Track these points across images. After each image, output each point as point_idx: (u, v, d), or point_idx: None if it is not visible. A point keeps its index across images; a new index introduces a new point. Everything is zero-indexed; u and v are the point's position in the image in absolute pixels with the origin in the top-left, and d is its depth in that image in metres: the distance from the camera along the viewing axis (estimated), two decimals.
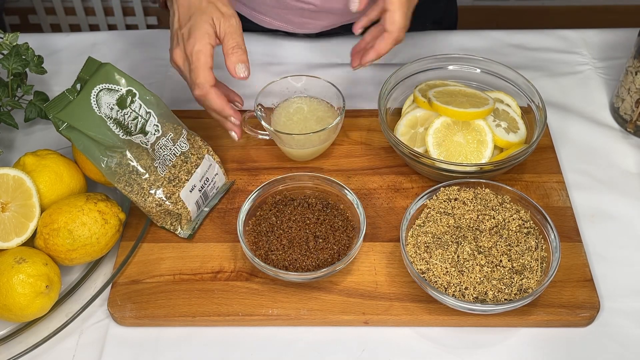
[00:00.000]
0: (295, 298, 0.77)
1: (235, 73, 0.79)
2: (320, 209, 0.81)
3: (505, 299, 0.73)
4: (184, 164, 0.82)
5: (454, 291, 0.73)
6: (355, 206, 0.79)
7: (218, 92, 0.80)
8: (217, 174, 0.86)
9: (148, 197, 0.80)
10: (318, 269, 0.76)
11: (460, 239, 0.76)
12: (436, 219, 0.79)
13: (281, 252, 0.77)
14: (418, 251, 0.76)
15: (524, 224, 0.78)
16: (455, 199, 0.80)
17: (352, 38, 1.08)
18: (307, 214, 0.80)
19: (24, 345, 0.73)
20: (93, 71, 0.80)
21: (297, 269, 0.76)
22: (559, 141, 0.94)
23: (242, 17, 1.07)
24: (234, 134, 0.84)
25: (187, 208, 0.82)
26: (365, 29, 0.87)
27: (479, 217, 0.79)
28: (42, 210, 0.78)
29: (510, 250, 0.76)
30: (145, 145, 0.80)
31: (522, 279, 0.74)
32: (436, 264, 0.74)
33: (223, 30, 0.79)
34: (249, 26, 1.08)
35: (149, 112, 0.81)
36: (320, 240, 0.78)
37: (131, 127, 0.80)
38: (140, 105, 0.81)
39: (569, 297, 0.76)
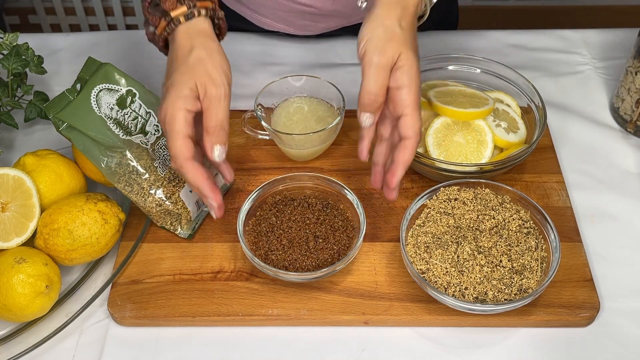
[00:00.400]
0: (295, 298, 0.77)
1: (211, 155, 0.71)
2: (320, 209, 0.81)
3: (505, 299, 0.73)
4: None
5: (454, 291, 0.73)
6: (355, 206, 0.79)
7: (196, 165, 0.71)
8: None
9: (148, 197, 0.80)
10: (318, 269, 0.76)
11: (460, 239, 0.76)
12: (436, 219, 0.79)
13: (281, 252, 0.77)
14: (418, 251, 0.76)
15: (524, 224, 0.78)
16: (455, 199, 0.80)
17: (352, 39, 1.09)
18: (307, 214, 0.80)
19: (24, 345, 0.73)
20: (93, 71, 0.80)
21: (297, 269, 0.76)
22: (559, 141, 0.94)
23: (243, 19, 1.07)
24: (213, 213, 0.75)
25: (187, 208, 0.82)
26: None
27: (479, 217, 0.79)
28: (42, 210, 0.78)
29: (510, 250, 0.76)
30: (145, 145, 0.80)
31: (522, 279, 0.74)
32: (436, 264, 0.74)
33: (207, 101, 0.70)
34: (249, 27, 1.09)
35: (149, 112, 0.81)
36: (320, 241, 0.78)
37: (131, 127, 0.80)
38: (140, 105, 0.81)
39: (569, 297, 0.76)
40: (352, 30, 1.06)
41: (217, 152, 0.71)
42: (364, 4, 0.76)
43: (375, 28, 0.69)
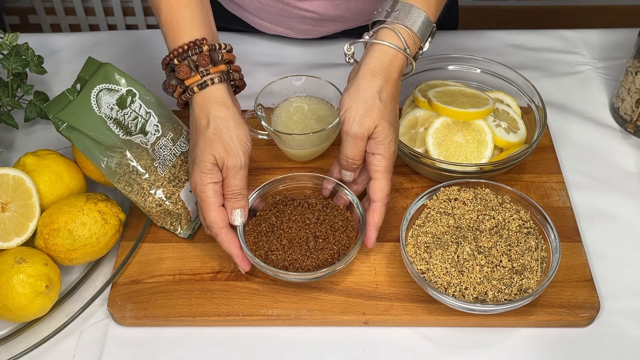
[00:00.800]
0: (295, 298, 0.77)
1: (231, 219, 0.75)
2: (320, 209, 0.81)
3: (505, 299, 0.73)
4: (184, 164, 0.82)
5: (454, 291, 0.73)
6: (355, 206, 0.79)
7: (230, 234, 0.75)
8: None
9: (148, 197, 0.80)
10: (318, 269, 0.76)
11: (460, 239, 0.76)
12: (436, 219, 0.79)
13: (281, 252, 0.77)
14: (418, 251, 0.76)
15: (524, 224, 0.78)
16: (455, 199, 0.80)
17: (352, 40, 1.08)
18: (307, 214, 0.80)
19: (24, 345, 0.73)
20: (93, 71, 0.80)
21: (297, 269, 0.76)
22: (559, 141, 0.94)
23: (244, 23, 1.07)
24: (241, 269, 0.78)
25: (187, 208, 0.82)
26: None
27: (479, 217, 0.79)
28: (42, 210, 0.78)
29: (510, 250, 0.76)
30: (145, 145, 0.80)
31: (522, 279, 0.74)
32: (436, 264, 0.74)
33: (226, 171, 0.73)
34: (251, 31, 1.09)
35: (149, 112, 0.81)
36: (320, 241, 0.77)
37: (131, 127, 0.80)
38: (140, 105, 0.81)
39: (569, 297, 0.76)
40: (352, 33, 1.06)
41: (236, 216, 0.75)
42: (352, 60, 0.79)
43: (356, 100, 0.73)
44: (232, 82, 0.78)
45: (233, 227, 0.76)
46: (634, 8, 2.22)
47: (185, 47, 0.74)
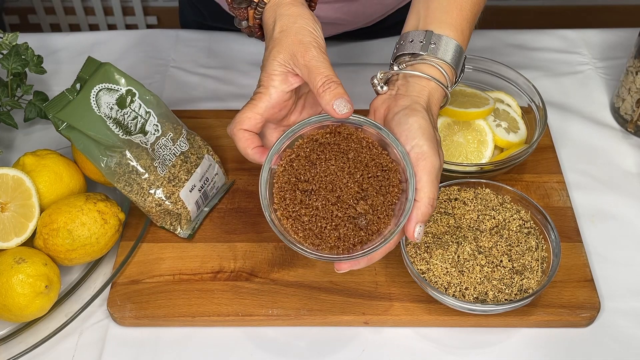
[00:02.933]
0: (295, 298, 0.77)
1: (337, 112, 0.64)
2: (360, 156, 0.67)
3: (505, 299, 0.73)
4: (184, 164, 0.82)
5: (454, 291, 0.73)
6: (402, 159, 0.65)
7: (247, 134, 0.68)
8: (217, 173, 0.86)
9: (148, 197, 0.80)
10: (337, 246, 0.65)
11: (460, 239, 0.76)
12: (436, 219, 0.79)
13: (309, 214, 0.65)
14: (418, 251, 0.76)
15: (524, 224, 0.78)
16: (456, 199, 0.80)
17: (353, 41, 1.09)
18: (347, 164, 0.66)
19: (24, 345, 0.73)
20: (93, 71, 0.80)
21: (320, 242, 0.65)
22: (559, 141, 0.94)
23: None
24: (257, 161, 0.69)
25: (187, 208, 0.82)
26: None
27: (479, 217, 0.79)
28: (42, 210, 0.78)
29: (510, 250, 0.76)
30: (145, 145, 0.80)
31: (523, 279, 0.74)
32: (436, 264, 0.74)
33: (303, 68, 0.65)
34: None
35: (149, 112, 0.81)
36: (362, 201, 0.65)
37: (131, 126, 0.80)
38: (140, 105, 0.80)
39: (570, 298, 0.76)
40: (353, 35, 1.06)
41: (339, 105, 0.64)
42: (385, 88, 0.71)
43: (427, 138, 0.65)
44: None
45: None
46: (634, 8, 2.22)
47: None
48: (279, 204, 0.66)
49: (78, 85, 0.80)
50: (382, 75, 0.71)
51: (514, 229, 0.77)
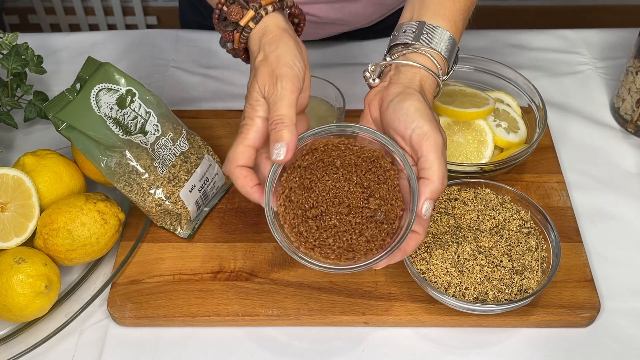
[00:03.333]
0: (295, 298, 0.77)
1: (271, 155, 0.64)
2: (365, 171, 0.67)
3: (505, 299, 0.73)
4: (184, 164, 0.82)
5: (454, 291, 0.73)
6: (407, 173, 0.65)
7: (245, 172, 0.67)
8: (217, 173, 0.86)
9: (148, 197, 0.80)
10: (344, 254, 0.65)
11: (460, 239, 0.76)
12: (436, 219, 0.79)
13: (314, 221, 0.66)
14: (418, 251, 0.76)
15: (524, 224, 0.78)
16: (456, 199, 0.80)
17: (353, 42, 1.09)
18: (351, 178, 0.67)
19: (24, 345, 0.73)
20: (93, 71, 0.80)
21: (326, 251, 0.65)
22: (559, 141, 0.94)
23: None
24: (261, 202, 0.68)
25: (186, 208, 0.82)
26: None
27: (480, 217, 0.79)
28: (42, 210, 0.78)
29: (510, 250, 0.76)
30: (145, 145, 0.80)
31: (523, 279, 0.74)
32: (436, 264, 0.74)
33: (269, 100, 0.66)
34: None
35: (149, 112, 0.81)
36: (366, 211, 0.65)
37: (131, 126, 0.80)
38: (140, 105, 0.80)
39: (570, 298, 0.76)
40: (353, 36, 1.06)
41: (275, 149, 0.63)
42: (376, 80, 0.71)
43: (428, 120, 0.65)
44: (288, 12, 0.73)
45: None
46: (634, 8, 2.22)
47: None
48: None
49: (78, 85, 0.80)
50: (373, 67, 0.72)
51: (514, 229, 0.77)
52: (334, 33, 1.05)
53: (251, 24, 0.70)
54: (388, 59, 0.71)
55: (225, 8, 0.71)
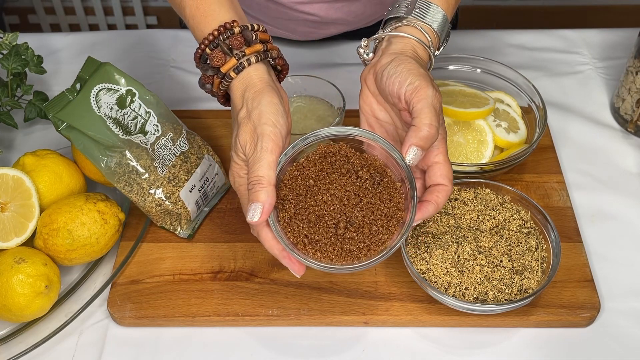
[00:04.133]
0: (295, 298, 0.77)
1: (246, 214, 0.65)
2: (368, 186, 0.68)
3: (505, 299, 0.73)
4: (184, 164, 0.82)
5: (454, 291, 0.73)
6: (408, 181, 0.66)
7: (270, 234, 0.66)
8: (217, 174, 0.86)
9: (148, 197, 0.80)
10: (341, 258, 0.66)
11: (460, 239, 0.76)
12: (436, 219, 0.79)
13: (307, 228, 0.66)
14: (418, 251, 0.76)
15: (524, 224, 0.78)
16: (456, 199, 0.80)
17: (353, 42, 1.09)
18: (350, 188, 0.67)
19: (24, 345, 0.73)
20: (93, 71, 0.80)
21: (320, 253, 0.66)
22: (559, 141, 0.94)
23: None
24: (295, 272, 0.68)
25: (186, 208, 0.82)
26: None
27: (479, 217, 0.79)
28: (42, 210, 0.78)
29: (510, 250, 0.76)
30: (145, 145, 0.80)
31: (523, 279, 0.74)
32: (436, 264, 0.74)
33: (248, 160, 0.66)
34: None
35: (149, 112, 0.81)
36: (351, 229, 0.66)
37: (131, 126, 0.80)
38: (140, 105, 0.80)
39: (570, 298, 0.76)
40: (353, 35, 1.06)
41: (251, 212, 0.64)
42: (370, 55, 0.73)
43: (419, 74, 0.66)
44: (271, 63, 0.72)
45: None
46: (634, 8, 2.22)
47: (216, 32, 0.68)
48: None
49: (78, 85, 0.80)
50: (366, 42, 0.73)
51: (514, 229, 0.77)
52: (334, 33, 1.05)
53: (232, 73, 0.68)
54: (380, 32, 0.72)
55: (208, 50, 0.69)
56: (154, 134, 0.81)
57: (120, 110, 0.79)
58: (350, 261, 0.66)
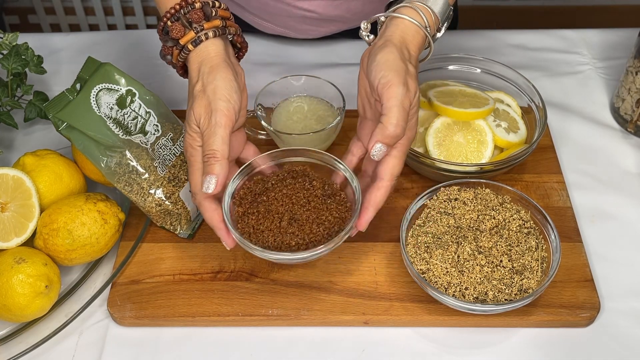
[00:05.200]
0: (295, 298, 0.77)
1: (202, 186, 0.69)
2: (319, 195, 0.74)
3: (505, 299, 0.73)
4: (184, 164, 0.82)
5: (454, 291, 0.73)
6: (351, 183, 0.74)
7: (214, 205, 0.71)
8: None
9: (148, 197, 0.80)
10: (289, 251, 0.71)
11: (460, 239, 0.76)
12: (436, 219, 0.79)
13: (256, 225, 0.73)
14: (418, 251, 0.76)
15: (524, 224, 0.78)
16: (456, 199, 0.80)
17: (353, 40, 1.09)
18: (301, 193, 0.74)
19: (24, 345, 0.73)
20: (93, 71, 0.80)
21: (272, 246, 0.71)
22: (559, 141, 0.94)
23: (244, 23, 1.07)
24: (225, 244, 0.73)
25: (186, 208, 0.82)
26: None
27: (479, 217, 0.79)
28: (42, 210, 0.78)
29: (510, 250, 0.76)
30: (145, 145, 0.80)
31: (523, 279, 0.74)
32: (436, 264, 0.74)
33: (202, 128, 0.69)
34: (250, 30, 1.09)
35: (149, 112, 0.81)
36: (296, 225, 0.72)
37: (131, 126, 0.80)
38: (140, 105, 0.81)
39: (570, 298, 0.76)
40: (353, 34, 1.06)
41: (207, 183, 0.68)
42: (371, 37, 0.76)
43: (394, 69, 0.69)
44: (230, 39, 0.75)
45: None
46: (634, 8, 2.22)
47: (177, 6, 0.72)
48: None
49: (78, 85, 0.80)
50: (365, 24, 0.75)
51: (514, 229, 0.77)
52: (333, 31, 1.05)
53: (190, 46, 0.72)
54: (382, 17, 0.74)
55: (169, 23, 0.73)
56: (154, 134, 0.81)
57: (120, 110, 0.79)
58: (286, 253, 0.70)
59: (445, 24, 0.75)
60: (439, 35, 0.75)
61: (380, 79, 0.68)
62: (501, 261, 0.75)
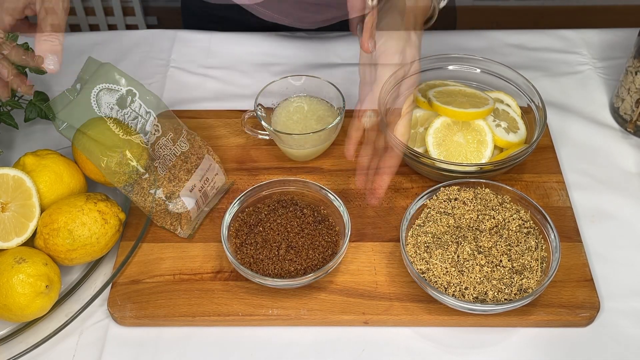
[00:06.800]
0: (295, 298, 0.77)
1: (44, 64, 0.69)
2: (310, 221, 0.80)
3: (505, 299, 0.73)
4: (184, 164, 0.82)
5: (454, 291, 0.73)
6: (338, 206, 0.80)
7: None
8: (217, 174, 0.86)
9: (148, 197, 0.80)
10: (285, 277, 0.76)
11: (460, 239, 0.76)
12: (436, 219, 0.79)
13: (253, 250, 0.78)
14: (418, 251, 0.76)
15: (524, 224, 0.78)
16: (455, 199, 0.80)
17: (353, 39, 1.09)
18: (294, 221, 0.80)
19: (24, 345, 0.73)
20: (93, 71, 0.80)
21: (261, 271, 0.76)
22: (559, 141, 0.94)
23: (240, 10, 1.06)
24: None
25: (187, 208, 0.82)
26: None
27: (479, 217, 0.79)
28: (42, 210, 0.78)
29: (510, 250, 0.76)
30: (145, 145, 0.80)
31: (522, 279, 0.74)
32: (436, 264, 0.74)
33: (45, 5, 0.69)
34: (247, 22, 1.08)
35: (149, 112, 0.81)
36: (292, 252, 0.77)
37: (131, 126, 0.80)
38: (140, 105, 0.81)
39: (569, 297, 0.76)
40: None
41: (49, 60, 0.69)
42: (374, 1, 0.77)
43: (394, 34, 0.72)
44: None
45: None
46: (634, 8, 2.22)
47: None
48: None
49: (78, 86, 0.80)
50: None
51: (514, 228, 0.77)
52: (331, 20, 1.04)
53: None
54: None
55: None
56: (154, 134, 0.81)
57: (120, 111, 0.79)
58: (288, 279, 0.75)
59: None
60: (443, 3, 0.76)
61: (380, 46, 0.71)
62: (501, 261, 0.75)
